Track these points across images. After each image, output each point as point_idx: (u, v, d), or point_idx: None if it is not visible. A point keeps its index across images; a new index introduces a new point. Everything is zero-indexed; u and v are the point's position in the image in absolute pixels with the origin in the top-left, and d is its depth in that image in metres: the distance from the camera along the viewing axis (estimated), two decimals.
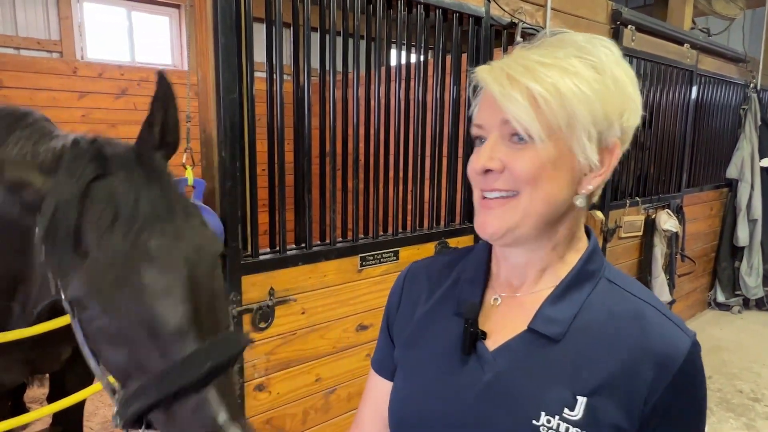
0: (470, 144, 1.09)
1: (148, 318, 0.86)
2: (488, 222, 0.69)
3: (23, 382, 1.85)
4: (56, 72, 4.14)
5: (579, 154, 0.67)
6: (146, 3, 4.83)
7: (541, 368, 0.68)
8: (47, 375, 2.05)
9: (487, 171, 0.68)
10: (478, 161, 0.69)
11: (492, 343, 0.72)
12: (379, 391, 0.87)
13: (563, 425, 0.64)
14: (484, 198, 0.70)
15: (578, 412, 0.64)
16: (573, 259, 0.73)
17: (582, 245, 0.75)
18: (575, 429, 0.64)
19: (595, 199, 0.74)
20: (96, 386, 1.72)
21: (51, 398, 2.56)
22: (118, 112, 4.46)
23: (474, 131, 0.73)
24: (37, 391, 3.10)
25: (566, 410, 0.65)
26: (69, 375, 1.91)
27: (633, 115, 0.68)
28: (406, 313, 0.84)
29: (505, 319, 0.74)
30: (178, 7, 5.01)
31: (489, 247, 0.81)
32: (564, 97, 0.64)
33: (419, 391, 0.76)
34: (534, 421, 0.65)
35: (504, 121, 0.67)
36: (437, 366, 0.75)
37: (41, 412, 1.66)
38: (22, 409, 2.67)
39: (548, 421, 0.64)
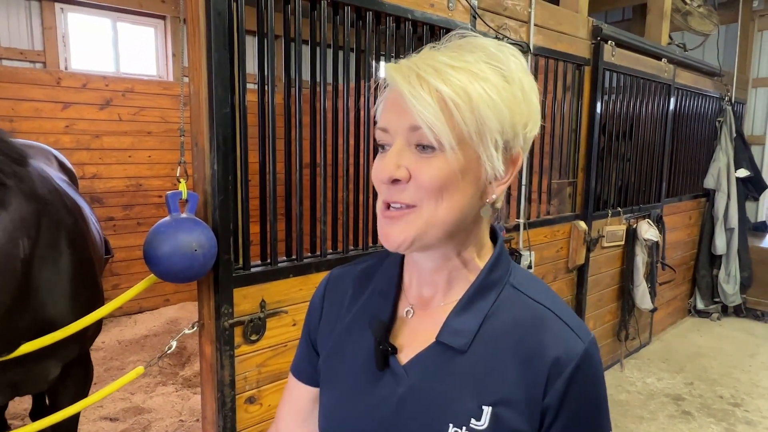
0: None
1: None
2: (392, 234, 0.67)
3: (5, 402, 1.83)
4: (39, 82, 4.11)
5: (486, 163, 0.66)
6: (131, 14, 4.82)
7: (449, 380, 0.68)
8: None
9: (395, 181, 0.65)
10: (383, 170, 0.65)
11: (404, 357, 0.72)
12: (297, 394, 0.89)
13: None
14: (389, 208, 0.68)
15: (484, 422, 0.65)
16: (480, 266, 0.74)
17: (488, 251, 0.75)
18: None
19: (498, 205, 0.73)
20: (86, 401, 1.70)
21: (34, 415, 2.52)
22: (102, 123, 4.43)
23: (378, 135, 0.69)
24: (18, 406, 3.04)
25: (473, 420, 0.65)
26: (62, 392, 1.88)
27: (535, 126, 0.69)
28: (329, 322, 0.84)
29: (416, 332, 0.74)
30: (163, 18, 5.01)
31: (402, 257, 0.80)
32: (474, 103, 0.63)
33: (340, 406, 0.76)
34: None
35: (413, 127, 0.64)
36: (355, 380, 0.75)
37: (38, 425, 1.64)
38: (3, 427, 2.61)
39: None
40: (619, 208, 3.74)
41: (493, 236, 0.78)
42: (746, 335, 4.65)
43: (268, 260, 1.90)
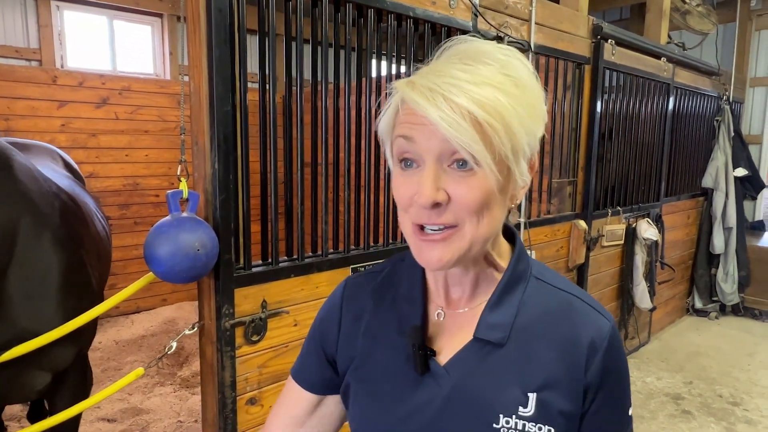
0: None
1: None
2: (435, 256, 0.66)
3: None
4: (35, 81, 4.07)
5: (518, 175, 0.67)
6: (128, 11, 4.79)
7: (492, 373, 0.71)
8: None
9: (435, 204, 0.64)
10: (424, 195, 0.63)
11: (443, 358, 0.74)
12: (296, 398, 0.88)
13: (520, 422, 0.68)
14: (422, 230, 0.66)
15: (531, 408, 0.69)
16: (501, 262, 0.76)
17: (505, 247, 0.78)
18: (530, 424, 0.68)
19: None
20: (85, 403, 1.68)
21: (32, 416, 2.49)
22: (99, 122, 4.40)
23: (402, 145, 0.66)
24: (15, 407, 3.01)
25: (520, 408, 0.69)
26: (59, 399, 1.83)
27: (543, 127, 0.69)
28: (349, 332, 0.82)
29: (450, 333, 0.75)
30: (160, 15, 4.98)
31: None
32: (506, 123, 0.62)
33: (379, 414, 0.75)
34: (494, 425, 0.69)
35: (445, 141, 0.62)
36: (391, 388, 0.75)
37: (35, 428, 1.61)
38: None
39: (507, 422, 0.69)
40: (619, 208, 3.74)
41: (507, 232, 0.80)
42: (744, 334, 4.66)
43: (269, 260, 1.88)
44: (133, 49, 4.96)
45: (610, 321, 0.74)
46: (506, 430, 0.68)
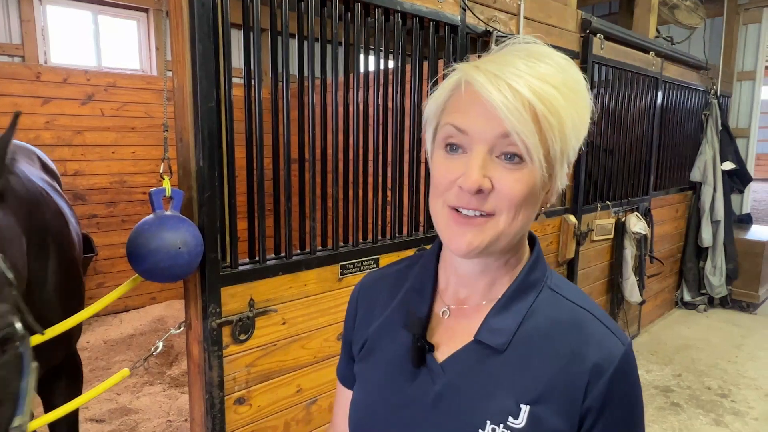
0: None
1: None
2: (466, 238, 0.66)
3: None
4: (18, 77, 4.00)
5: (558, 178, 0.67)
6: (112, 6, 4.71)
7: (487, 378, 0.68)
8: None
9: (478, 191, 0.63)
10: (470, 180, 0.63)
11: (441, 355, 0.73)
12: (344, 396, 0.90)
13: None
14: (457, 212, 0.66)
15: (521, 420, 0.65)
16: (519, 269, 0.74)
17: (526, 254, 0.76)
18: None
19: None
20: (72, 403, 1.65)
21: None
22: (84, 119, 4.33)
23: (450, 132, 0.66)
24: None
25: (510, 418, 0.66)
26: (56, 395, 1.82)
27: (583, 139, 0.69)
28: (363, 324, 0.85)
29: (453, 331, 0.74)
30: (146, 10, 4.90)
31: (437, 257, 0.80)
32: (562, 123, 0.62)
33: (374, 402, 0.77)
34: (480, 430, 0.66)
35: (503, 134, 0.62)
36: (390, 377, 0.76)
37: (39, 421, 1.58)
38: None
39: (493, 430, 0.66)
40: (608, 202, 3.75)
41: (530, 239, 0.78)
42: (732, 326, 4.71)
43: (257, 258, 1.86)
44: (118, 44, 4.89)
45: (625, 345, 0.68)
46: None
